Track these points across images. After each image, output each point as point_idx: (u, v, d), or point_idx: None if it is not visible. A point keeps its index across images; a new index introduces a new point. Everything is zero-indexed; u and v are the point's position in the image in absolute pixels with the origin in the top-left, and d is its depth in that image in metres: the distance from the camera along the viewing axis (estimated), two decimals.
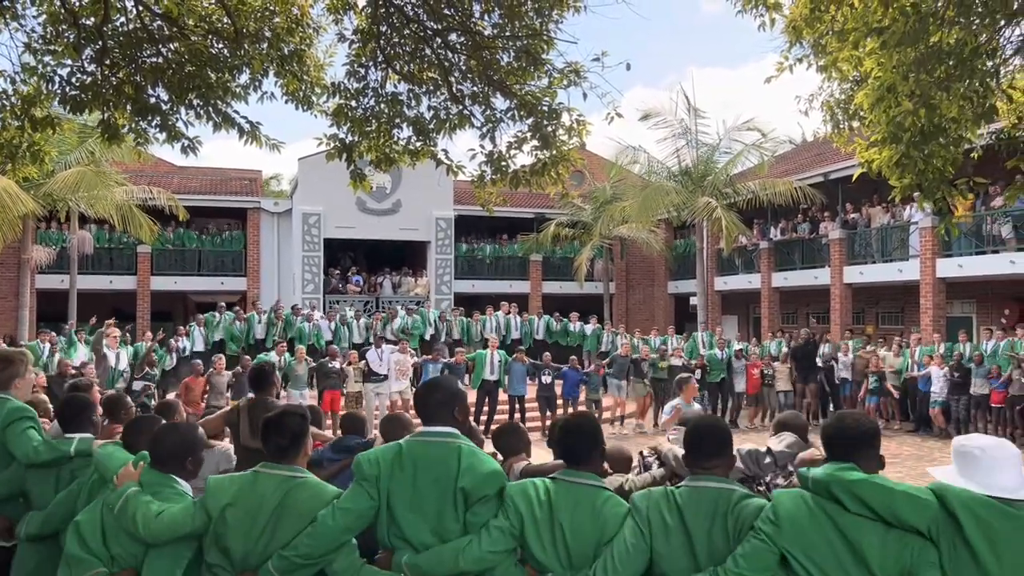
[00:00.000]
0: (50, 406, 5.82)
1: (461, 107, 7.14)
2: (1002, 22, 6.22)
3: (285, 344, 16.20)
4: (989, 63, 6.38)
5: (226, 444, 5.11)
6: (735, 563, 2.70)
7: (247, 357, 15.20)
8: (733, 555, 2.73)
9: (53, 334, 15.84)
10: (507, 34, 6.85)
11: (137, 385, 14.28)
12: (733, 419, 17.80)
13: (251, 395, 5.51)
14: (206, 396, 14.11)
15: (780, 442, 4.14)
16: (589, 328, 21.23)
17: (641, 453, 4.46)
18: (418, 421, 3.35)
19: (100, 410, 4.57)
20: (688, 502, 2.89)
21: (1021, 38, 6.81)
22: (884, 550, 2.58)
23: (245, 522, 3.08)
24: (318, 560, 3.02)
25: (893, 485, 2.64)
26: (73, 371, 13.30)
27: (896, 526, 2.59)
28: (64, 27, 6.53)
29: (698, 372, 17.16)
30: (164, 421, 4.11)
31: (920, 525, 2.58)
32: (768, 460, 4.02)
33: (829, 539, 2.65)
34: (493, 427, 4.64)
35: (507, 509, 3.04)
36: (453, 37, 7.00)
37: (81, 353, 15.23)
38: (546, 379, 16.34)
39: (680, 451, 4.14)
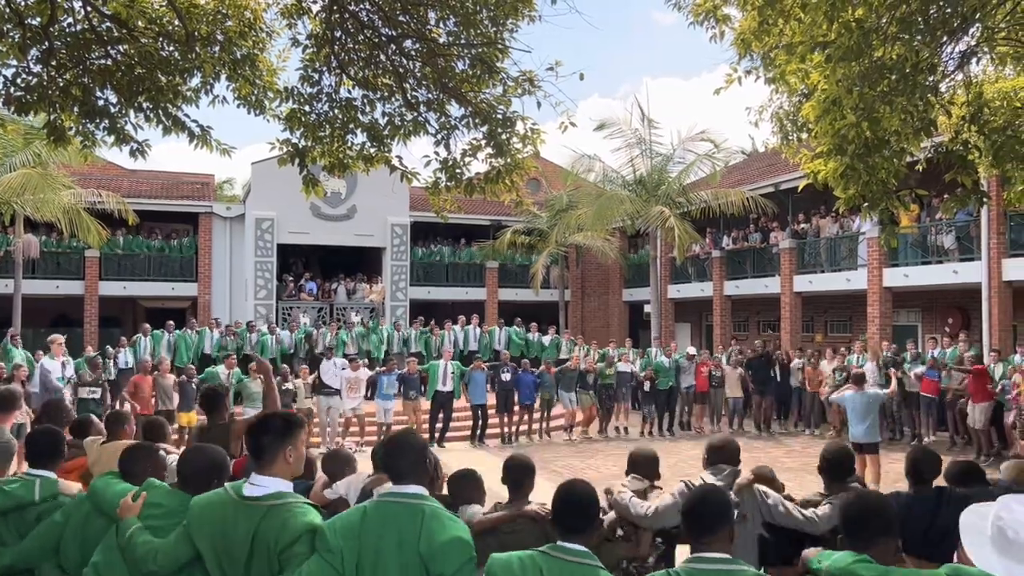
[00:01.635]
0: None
1: (416, 114, 7.15)
2: (943, 39, 6.42)
3: (234, 358, 15.89)
4: (930, 78, 6.58)
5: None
6: None
7: (191, 366, 15.04)
8: None
9: None
10: (462, 42, 6.88)
11: (83, 392, 14.11)
12: (684, 421, 18.09)
13: (204, 420, 5.48)
14: (154, 398, 13.99)
15: (716, 475, 4.24)
16: (547, 339, 21.28)
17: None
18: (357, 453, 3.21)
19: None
20: None
21: (960, 54, 7.04)
22: None
23: (224, 553, 2.98)
24: None
25: None
26: (5, 377, 13.06)
27: None
28: (9, 27, 6.37)
29: (647, 384, 17.49)
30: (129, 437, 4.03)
31: None
32: None
33: None
34: (448, 475, 4.48)
35: None
36: (408, 44, 7.01)
37: (19, 360, 14.73)
38: (505, 376, 16.50)
39: (630, 496, 4.22)
